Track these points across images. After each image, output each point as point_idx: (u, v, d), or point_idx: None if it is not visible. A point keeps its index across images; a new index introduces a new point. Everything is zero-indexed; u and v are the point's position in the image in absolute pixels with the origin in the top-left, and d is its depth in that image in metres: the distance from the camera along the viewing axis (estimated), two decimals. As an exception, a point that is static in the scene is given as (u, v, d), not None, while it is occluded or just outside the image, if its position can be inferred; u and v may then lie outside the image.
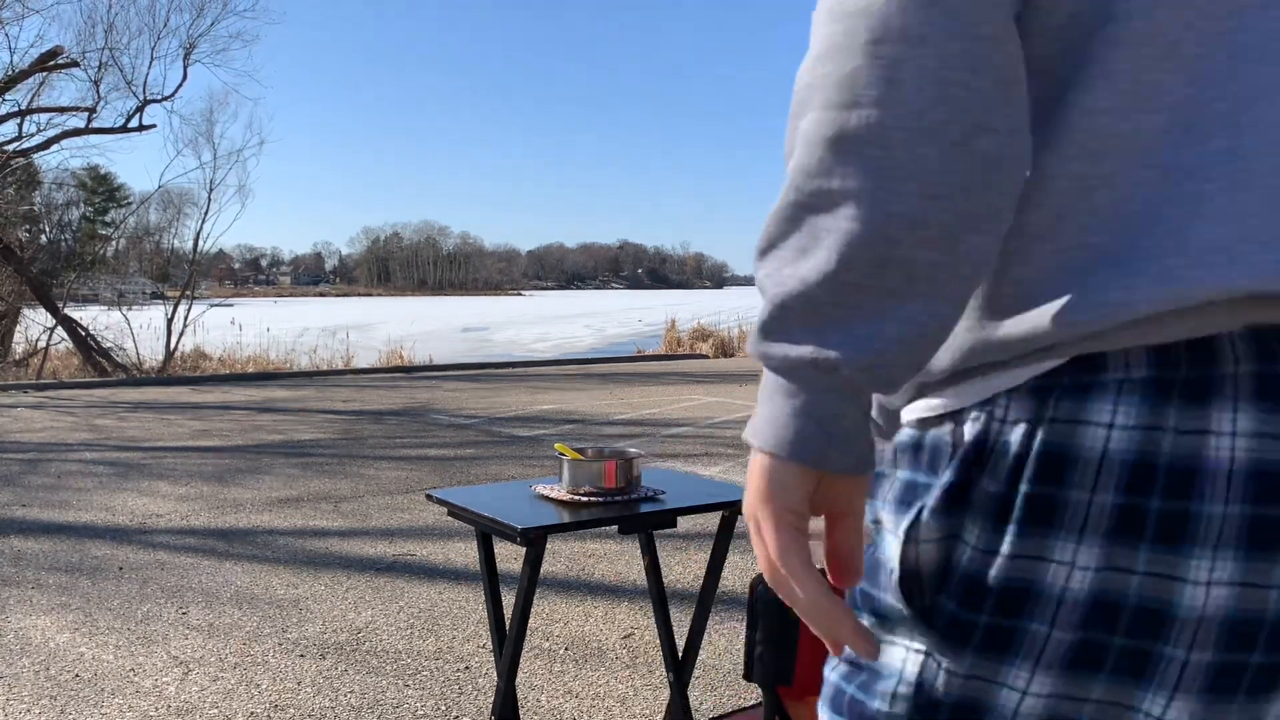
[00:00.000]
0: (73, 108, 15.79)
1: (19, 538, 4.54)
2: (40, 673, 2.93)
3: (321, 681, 2.86)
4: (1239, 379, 0.57)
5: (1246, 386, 0.57)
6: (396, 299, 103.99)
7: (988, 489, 0.60)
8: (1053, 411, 0.59)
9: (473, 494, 2.11)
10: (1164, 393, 0.57)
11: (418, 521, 4.85)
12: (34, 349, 14.83)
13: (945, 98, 0.55)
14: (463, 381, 13.13)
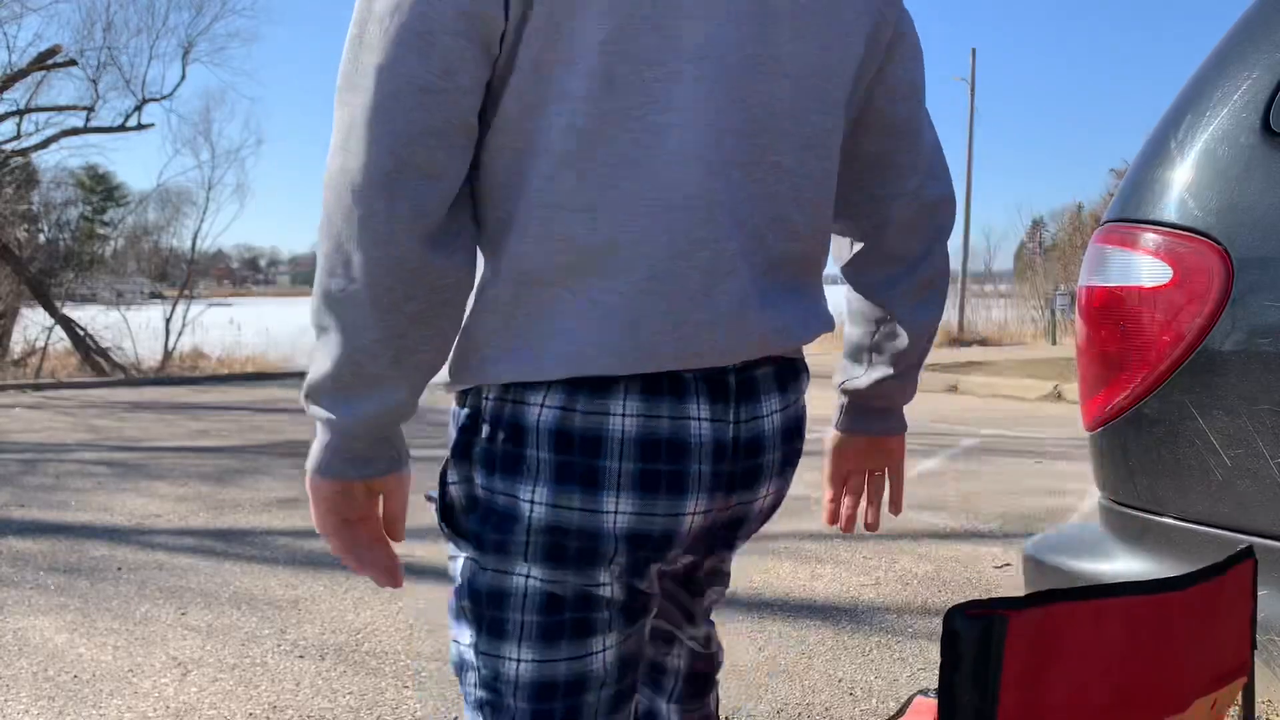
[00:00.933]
0: (71, 106, 15.80)
1: (17, 538, 4.53)
2: (38, 673, 2.92)
3: (320, 682, 2.86)
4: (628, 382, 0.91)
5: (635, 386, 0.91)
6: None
7: (480, 445, 0.95)
8: (512, 395, 0.92)
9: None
10: (572, 390, 0.90)
11: (417, 521, 4.81)
12: (32, 349, 14.82)
13: (382, 281, 0.85)
14: (462, 381, 13.11)
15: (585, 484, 0.90)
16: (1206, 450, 1.47)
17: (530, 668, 0.94)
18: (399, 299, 0.86)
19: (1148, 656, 0.93)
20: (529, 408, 0.91)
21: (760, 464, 0.99)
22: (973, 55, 23.95)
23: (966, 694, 0.83)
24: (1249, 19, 1.57)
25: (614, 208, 0.87)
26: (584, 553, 0.93)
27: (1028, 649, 0.84)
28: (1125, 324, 1.54)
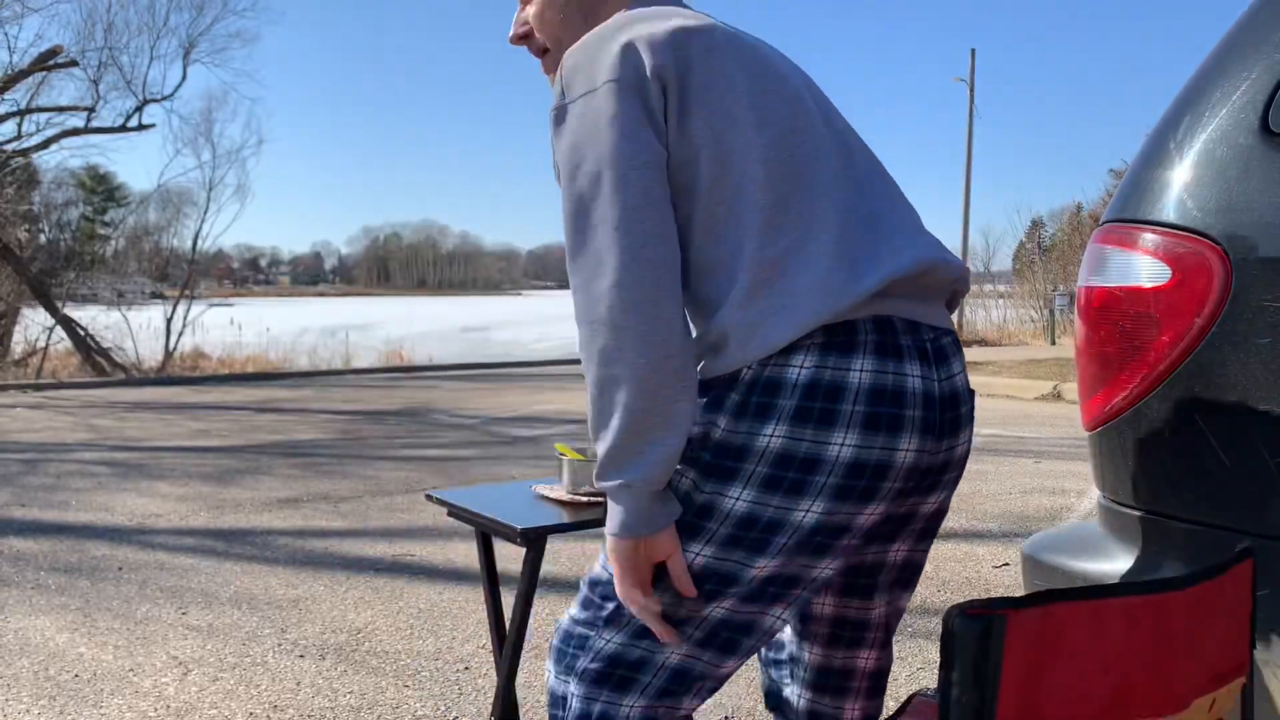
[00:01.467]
0: (72, 107, 15.79)
1: (18, 538, 4.54)
2: (39, 673, 2.92)
3: (321, 682, 2.86)
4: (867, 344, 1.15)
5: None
6: (396, 299, 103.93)
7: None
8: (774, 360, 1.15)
9: (473, 494, 2.11)
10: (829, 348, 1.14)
11: (418, 521, 4.84)
12: (33, 349, 14.82)
13: (652, 360, 1.11)
14: (463, 381, 13.13)
15: (869, 426, 1.13)
16: (1206, 450, 1.47)
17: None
18: (658, 365, 1.12)
19: (1146, 657, 0.93)
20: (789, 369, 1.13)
21: (959, 414, 1.21)
22: (972, 55, 23.95)
23: (965, 693, 0.84)
24: (1248, 19, 1.57)
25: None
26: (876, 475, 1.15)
27: (1027, 649, 0.85)
28: (1124, 324, 1.55)
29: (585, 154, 1.12)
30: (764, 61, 1.22)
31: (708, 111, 1.14)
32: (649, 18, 1.20)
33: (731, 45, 1.19)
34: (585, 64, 1.16)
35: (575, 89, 1.15)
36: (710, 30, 1.19)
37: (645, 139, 1.12)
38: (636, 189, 1.10)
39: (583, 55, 1.17)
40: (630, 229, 1.10)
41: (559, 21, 1.32)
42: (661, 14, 1.21)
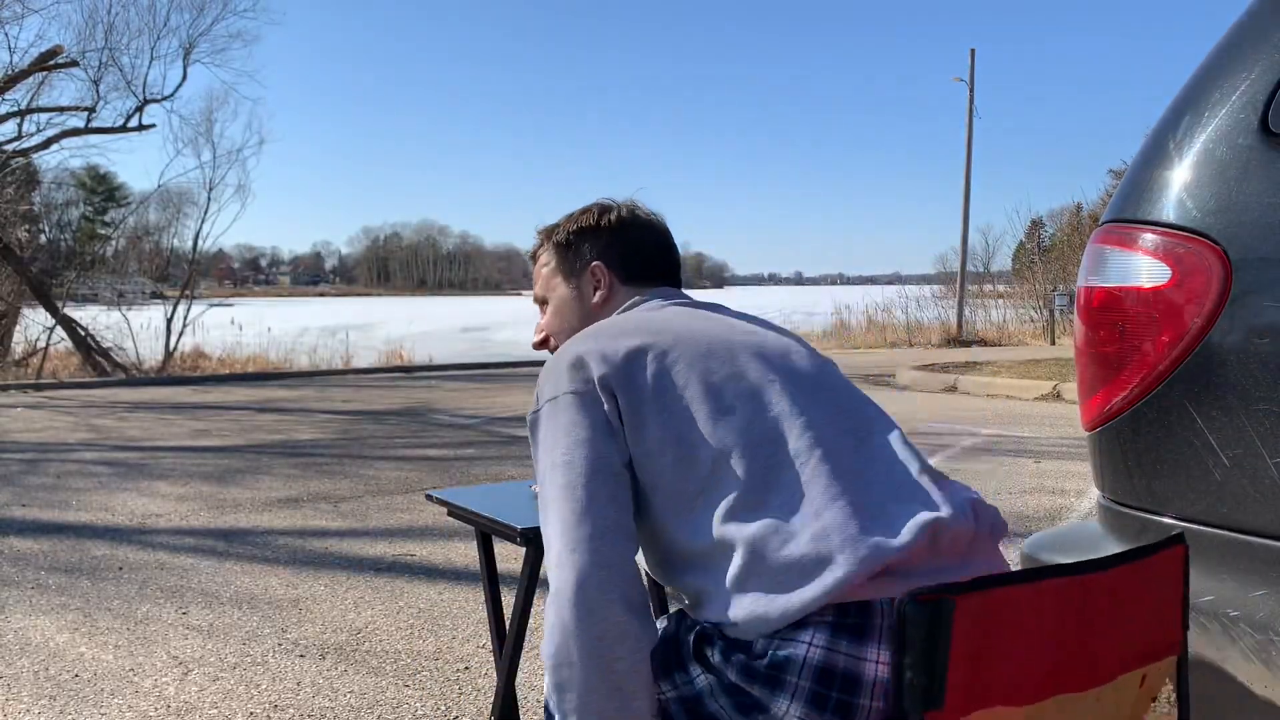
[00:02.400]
0: (72, 107, 15.79)
1: (18, 538, 4.54)
2: (40, 673, 2.93)
3: (321, 682, 2.86)
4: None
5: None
6: (396, 299, 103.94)
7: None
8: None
9: (473, 494, 2.11)
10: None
11: (418, 521, 4.85)
12: (33, 349, 14.82)
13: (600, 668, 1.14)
14: (463, 381, 13.13)
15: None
16: (1205, 450, 1.47)
17: None
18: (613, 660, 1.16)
19: (1075, 634, 0.99)
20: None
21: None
22: (972, 55, 23.93)
23: (916, 676, 0.88)
24: (1248, 19, 1.57)
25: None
26: None
27: (972, 630, 0.90)
28: (1124, 324, 1.55)
29: (543, 460, 1.25)
30: (719, 346, 1.31)
31: (664, 415, 1.23)
32: (611, 332, 1.34)
33: (683, 344, 1.30)
34: (552, 374, 1.30)
35: (543, 395, 1.30)
36: (663, 337, 1.30)
37: (595, 446, 1.22)
38: (580, 496, 1.19)
39: (551, 365, 1.33)
40: (571, 536, 1.17)
41: (565, 330, 1.54)
42: (624, 327, 1.35)
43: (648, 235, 1.56)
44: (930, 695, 0.89)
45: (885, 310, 24.25)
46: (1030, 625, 0.95)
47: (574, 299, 1.55)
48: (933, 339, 21.69)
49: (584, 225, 1.56)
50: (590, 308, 1.53)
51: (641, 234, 1.56)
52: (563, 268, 1.56)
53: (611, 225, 1.55)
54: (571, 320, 1.54)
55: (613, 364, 1.26)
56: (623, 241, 1.54)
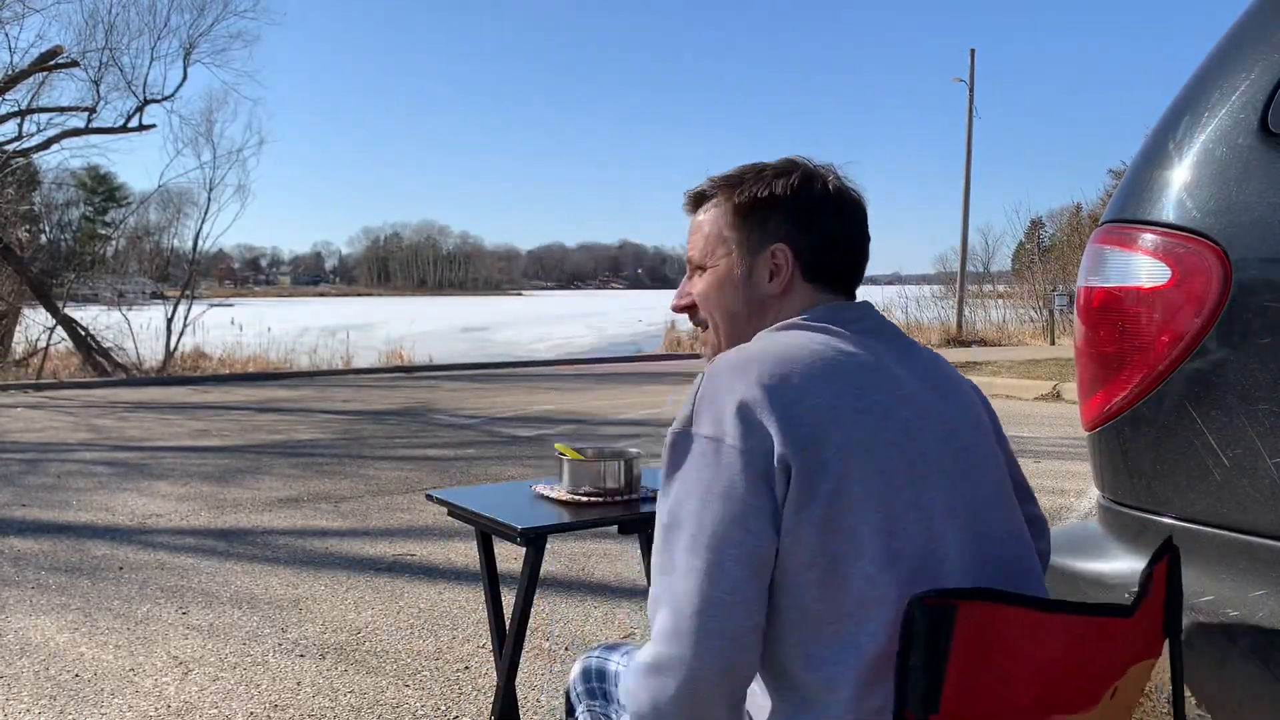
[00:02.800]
0: (73, 107, 15.79)
1: (19, 538, 4.54)
2: (40, 673, 2.93)
3: (321, 682, 2.86)
4: None
5: None
6: (396, 299, 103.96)
7: None
8: None
9: (473, 494, 2.11)
10: None
11: (418, 521, 4.85)
12: (34, 349, 14.83)
13: None
14: (463, 381, 13.13)
15: None
16: (1205, 450, 1.47)
17: None
18: None
19: (1076, 668, 0.99)
20: None
21: None
22: (971, 56, 23.93)
23: (919, 676, 0.90)
24: (1248, 19, 1.57)
25: None
26: None
27: (973, 637, 0.91)
28: (1124, 324, 1.55)
29: (684, 508, 1.07)
30: (913, 451, 1.10)
31: (828, 531, 1.04)
32: (798, 379, 1.09)
33: (878, 441, 1.08)
34: (715, 403, 1.09)
35: (702, 424, 1.09)
36: (861, 422, 1.08)
37: (751, 534, 1.04)
38: (722, 586, 1.04)
39: (718, 386, 1.10)
40: (700, 625, 1.04)
41: (725, 311, 1.29)
42: (812, 373, 1.10)
43: (849, 224, 1.28)
44: (929, 698, 0.90)
45: (885, 310, 24.09)
46: (1031, 652, 0.95)
47: (742, 279, 1.26)
48: (933, 339, 21.68)
49: (778, 192, 1.25)
50: (762, 296, 1.26)
51: (844, 221, 1.27)
52: (738, 237, 1.27)
53: (814, 201, 1.25)
54: (732, 303, 1.27)
55: (797, 440, 1.05)
56: (821, 226, 1.25)
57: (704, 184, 1.32)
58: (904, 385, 1.15)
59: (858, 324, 1.21)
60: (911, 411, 1.12)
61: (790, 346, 1.14)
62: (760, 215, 1.25)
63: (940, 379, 1.21)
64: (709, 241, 1.29)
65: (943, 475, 1.11)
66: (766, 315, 1.26)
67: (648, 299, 74.76)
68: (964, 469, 1.14)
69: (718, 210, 1.29)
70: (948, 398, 1.19)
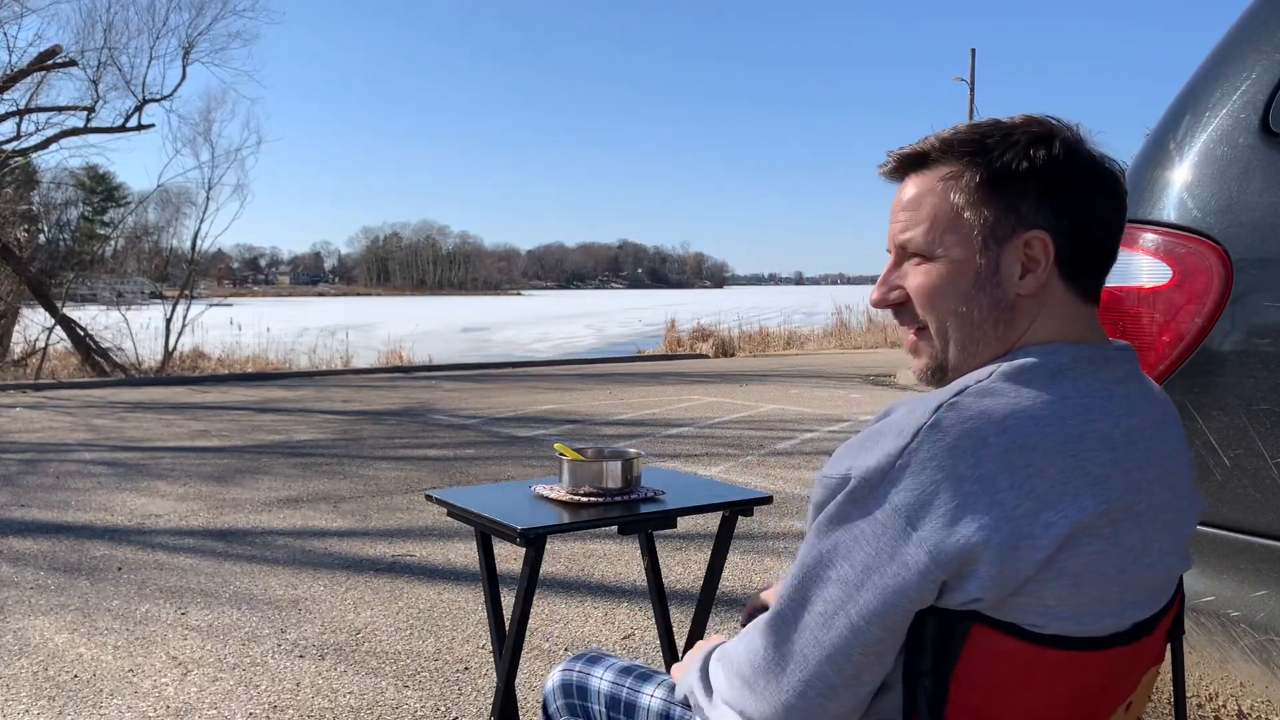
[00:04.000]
0: (71, 107, 15.79)
1: (17, 538, 4.53)
2: (39, 673, 2.92)
3: (320, 682, 2.86)
4: None
5: None
6: (396, 299, 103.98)
7: None
8: None
9: (472, 494, 2.11)
10: None
11: (417, 521, 4.84)
12: (32, 349, 14.82)
13: None
14: (463, 381, 13.12)
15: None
16: (1206, 450, 1.47)
17: None
18: None
19: (1097, 691, 0.97)
20: None
21: None
22: (972, 55, 23.94)
23: (927, 679, 0.89)
24: (1248, 19, 1.57)
25: None
26: None
27: (985, 658, 0.89)
28: (1125, 324, 1.54)
29: (838, 572, 0.91)
30: (1131, 573, 0.93)
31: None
32: (1039, 447, 0.88)
33: (1099, 557, 0.90)
34: (931, 473, 0.87)
35: (900, 491, 0.87)
36: (1096, 515, 0.89)
37: (895, 629, 0.90)
38: (846, 667, 0.91)
39: (937, 457, 0.87)
40: (802, 701, 0.93)
41: (957, 314, 0.99)
42: (1055, 442, 0.89)
43: (1115, 206, 1.01)
44: (935, 706, 0.89)
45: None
46: (1044, 690, 0.92)
47: (985, 275, 0.98)
48: (932, 339, 21.68)
49: (1038, 163, 0.96)
50: (1011, 298, 0.97)
51: (1110, 204, 1.00)
52: (982, 220, 0.97)
53: (1079, 177, 0.97)
54: (970, 305, 0.98)
55: (1004, 562, 0.86)
56: (1086, 209, 0.98)
57: (925, 143, 1.02)
58: (1141, 497, 0.93)
59: (1121, 385, 0.97)
60: (1137, 538, 0.93)
61: (1040, 422, 0.89)
62: (1014, 193, 0.96)
63: (1179, 479, 1.01)
64: (937, 223, 0.99)
65: (1137, 609, 0.96)
66: (1016, 324, 0.98)
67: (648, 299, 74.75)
68: (1160, 597, 1.00)
69: (950, 183, 0.99)
70: (1179, 508, 1.00)
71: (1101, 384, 0.95)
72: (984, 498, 0.85)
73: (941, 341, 1.01)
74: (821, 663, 0.91)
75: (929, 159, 1.01)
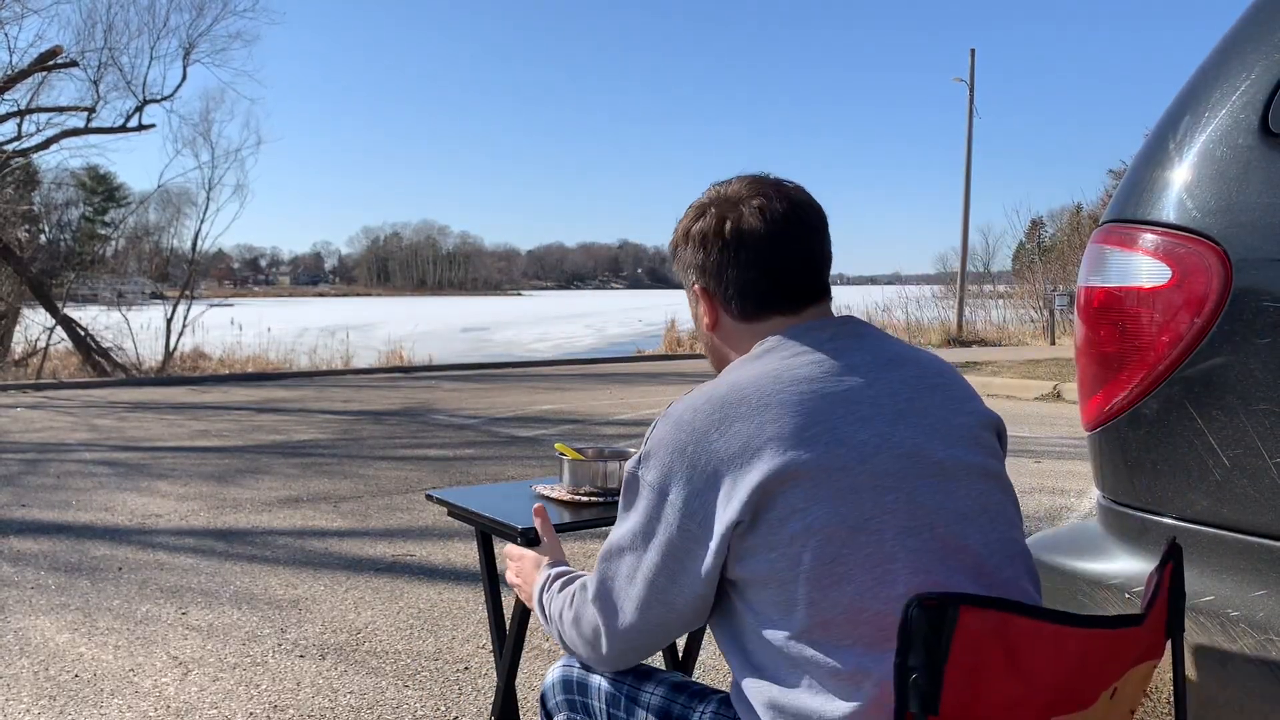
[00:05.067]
0: (72, 107, 15.80)
1: (18, 538, 4.54)
2: (40, 673, 2.93)
3: (321, 682, 2.86)
4: None
5: None
6: (396, 299, 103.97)
7: None
8: None
9: (473, 494, 2.11)
10: None
11: (418, 521, 4.84)
12: (33, 349, 14.83)
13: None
14: (463, 381, 13.13)
15: None
16: (1205, 450, 1.47)
17: None
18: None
19: (1080, 673, 0.99)
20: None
21: None
22: (972, 56, 23.93)
23: (919, 676, 0.89)
24: (1248, 19, 1.57)
25: None
26: None
27: (975, 642, 0.90)
28: (1124, 324, 1.55)
29: (625, 553, 1.19)
30: (861, 473, 1.08)
31: (773, 550, 1.08)
32: (734, 400, 1.11)
33: (824, 459, 1.07)
34: (668, 449, 1.13)
35: (648, 470, 1.15)
36: (803, 433, 1.08)
37: (679, 580, 1.15)
38: (651, 616, 1.19)
39: (664, 433, 1.15)
40: (624, 643, 1.24)
41: (704, 345, 1.35)
42: (750, 394, 1.11)
43: (777, 248, 1.26)
44: (928, 700, 0.90)
45: (885, 310, 24.26)
46: (1042, 664, 0.95)
47: (696, 318, 1.35)
48: (933, 339, 21.68)
49: (691, 232, 1.29)
50: (708, 334, 1.32)
51: (770, 248, 1.25)
52: (680, 275, 1.37)
53: (722, 240, 1.25)
54: (702, 338, 1.36)
55: (741, 506, 1.08)
56: (735, 264, 1.26)
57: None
58: (862, 406, 1.12)
59: (830, 343, 1.18)
60: (869, 433, 1.10)
61: (737, 385, 1.13)
62: (682, 257, 1.29)
63: (921, 394, 1.17)
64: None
65: (899, 495, 1.09)
66: (728, 351, 1.28)
67: (648, 299, 74.74)
68: (930, 486, 1.11)
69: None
70: (926, 412, 1.16)
71: (808, 344, 1.18)
72: (700, 454, 1.10)
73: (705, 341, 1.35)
74: (633, 613, 1.19)
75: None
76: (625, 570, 1.19)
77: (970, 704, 0.91)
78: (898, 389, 1.16)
